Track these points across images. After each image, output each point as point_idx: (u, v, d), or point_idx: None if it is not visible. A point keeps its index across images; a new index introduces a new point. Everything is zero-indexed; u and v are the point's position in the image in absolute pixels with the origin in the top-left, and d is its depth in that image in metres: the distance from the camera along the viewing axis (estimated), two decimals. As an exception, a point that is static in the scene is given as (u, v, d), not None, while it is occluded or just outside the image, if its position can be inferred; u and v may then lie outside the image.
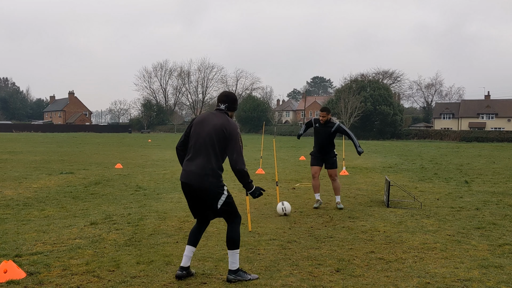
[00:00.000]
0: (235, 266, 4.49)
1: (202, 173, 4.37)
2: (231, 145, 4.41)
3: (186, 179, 4.46)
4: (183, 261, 4.58)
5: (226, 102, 4.62)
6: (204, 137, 4.45)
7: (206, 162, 4.40)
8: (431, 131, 68.90)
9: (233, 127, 4.48)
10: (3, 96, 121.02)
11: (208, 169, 4.39)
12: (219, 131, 4.42)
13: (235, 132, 4.46)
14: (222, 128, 4.43)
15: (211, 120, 4.52)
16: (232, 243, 4.52)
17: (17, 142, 38.68)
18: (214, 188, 4.39)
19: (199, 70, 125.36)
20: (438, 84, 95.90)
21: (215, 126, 4.46)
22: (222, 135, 4.41)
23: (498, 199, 9.78)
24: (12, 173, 13.75)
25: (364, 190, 11.09)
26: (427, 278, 4.63)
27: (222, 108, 4.61)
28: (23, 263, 4.93)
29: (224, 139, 4.42)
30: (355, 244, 5.96)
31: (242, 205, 8.71)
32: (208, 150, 4.42)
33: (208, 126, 4.49)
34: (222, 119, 4.51)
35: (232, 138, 4.42)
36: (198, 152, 4.45)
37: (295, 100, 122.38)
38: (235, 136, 4.44)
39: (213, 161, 4.41)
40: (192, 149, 4.52)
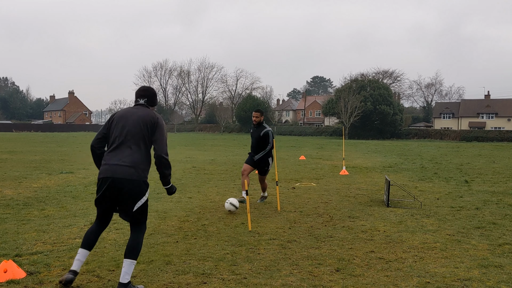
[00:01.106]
0: (127, 278, 4.10)
1: (130, 165, 4.13)
2: (158, 134, 4.25)
3: (110, 174, 4.13)
4: (74, 265, 4.25)
5: (145, 96, 4.47)
6: (130, 129, 4.23)
7: (134, 154, 4.18)
8: (431, 131, 68.88)
9: (159, 118, 4.35)
10: (3, 96, 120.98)
11: (138, 162, 4.17)
12: (146, 121, 4.25)
13: (161, 122, 4.32)
14: (149, 118, 4.27)
15: (135, 113, 4.33)
16: (132, 252, 4.18)
17: (17, 141, 38.68)
18: (140, 184, 4.16)
19: (199, 69, 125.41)
20: (438, 83, 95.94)
21: (141, 116, 4.28)
22: (150, 124, 4.24)
23: (498, 198, 9.78)
24: (12, 173, 13.75)
25: (364, 190, 11.09)
26: (427, 278, 4.63)
27: (142, 103, 4.44)
28: (23, 263, 4.93)
29: (152, 128, 4.24)
30: (355, 244, 5.96)
31: (242, 205, 8.71)
32: (136, 142, 4.21)
33: (133, 118, 4.28)
34: (147, 111, 4.36)
35: (158, 127, 4.27)
36: (124, 144, 4.21)
37: (295, 100, 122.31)
38: (161, 126, 4.30)
39: (141, 153, 4.21)
40: (116, 142, 4.24)
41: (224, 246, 5.80)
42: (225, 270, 4.83)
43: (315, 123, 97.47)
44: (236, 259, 5.22)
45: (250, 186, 11.19)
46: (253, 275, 4.70)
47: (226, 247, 5.75)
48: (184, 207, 8.51)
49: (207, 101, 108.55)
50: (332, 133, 74.49)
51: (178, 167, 16.44)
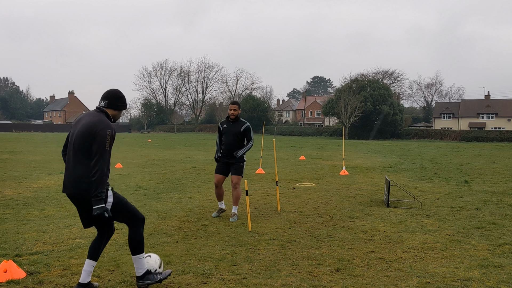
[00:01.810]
0: (142, 272, 4.19)
1: (76, 180, 3.97)
2: (95, 147, 3.90)
3: (65, 188, 4.08)
4: (82, 276, 4.13)
5: (106, 98, 4.15)
6: (75, 139, 4.03)
7: (78, 169, 3.96)
8: (431, 131, 68.90)
9: (102, 127, 3.93)
10: (3, 96, 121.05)
11: (81, 177, 3.94)
12: (85, 133, 3.95)
13: (102, 134, 3.91)
14: (90, 127, 3.95)
15: (81, 121, 4.09)
16: (133, 248, 4.20)
17: (17, 141, 38.68)
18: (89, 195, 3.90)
19: (199, 69, 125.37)
20: (438, 84, 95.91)
21: (83, 126, 4.00)
22: (88, 135, 3.93)
23: (498, 198, 9.78)
24: (12, 173, 13.75)
25: (364, 190, 11.09)
26: (427, 278, 4.63)
27: (102, 105, 4.14)
28: (23, 263, 4.93)
29: (90, 142, 3.92)
30: (355, 244, 5.96)
31: (242, 205, 8.72)
32: (78, 155, 3.98)
33: (78, 127, 4.06)
34: (94, 118, 4.02)
35: (97, 139, 3.90)
36: (70, 156, 4.06)
37: (295, 100, 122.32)
38: (102, 138, 3.90)
39: (84, 167, 3.93)
40: (68, 152, 4.13)
41: (224, 246, 5.80)
42: (225, 270, 4.83)
43: (315, 123, 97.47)
44: (236, 259, 5.22)
45: (250, 186, 11.18)
46: (253, 275, 4.70)
47: (226, 247, 5.75)
48: (184, 207, 8.51)
49: (207, 101, 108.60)
50: (332, 133, 74.50)
51: (178, 167, 16.45)
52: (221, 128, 7.64)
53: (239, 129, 7.47)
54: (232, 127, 7.52)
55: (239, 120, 7.57)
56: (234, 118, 7.54)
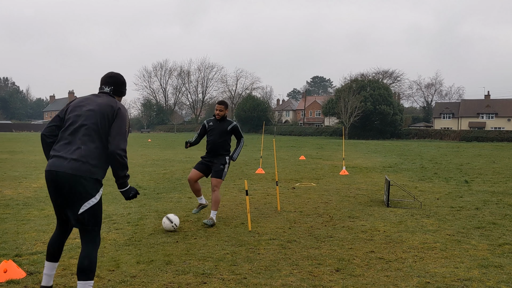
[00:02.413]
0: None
1: (78, 159, 3.54)
2: (116, 126, 3.63)
3: (55, 167, 3.55)
4: (43, 280, 3.80)
5: (111, 84, 3.89)
6: (85, 119, 3.64)
7: (85, 148, 3.58)
8: (431, 131, 68.92)
9: (121, 107, 3.75)
10: (3, 96, 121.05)
11: (88, 156, 3.56)
12: (104, 111, 3.66)
13: (123, 112, 3.71)
14: (108, 107, 3.68)
15: (94, 101, 3.75)
16: (84, 271, 3.55)
17: (17, 141, 38.69)
18: (86, 182, 3.53)
19: (199, 69, 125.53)
20: (438, 83, 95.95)
21: (100, 105, 3.69)
22: (109, 114, 3.66)
23: (498, 198, 9.78)
24: (12, 173, 13.75)
25: (364, 190, 11.09)
26: (427, 278, 4.63)
27: (106, 91, 3.88)
28: (23, 263, 4.93)
29: (110, 119, 3.65)
30: (355, 244, 5.96)
31: (242, 205, 8.72)
32: (90, 134, 3.61)
33: (90, 106, 3.70)
34: (108, 99, 3.78)
35: (118, 118, 3.66)
36: (76, 135, 3.62)
37: (295, 100, 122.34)
38: (123, 116, 3.69)
39: (95, 147, 3.61)
40: (67, 132, 3.66)
41: (224, 246, 5.80)
42: (225, 270, 4.82)
43: (315, 123, 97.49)
44: (236, 259, 5.22)
45: (250, 186, 11.19)
46: (253, 275, 4.70)
47: (226, 247, 5.75)
48: (184, 207, 8.51)
49: (207, 101, 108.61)
50: (332, 133, 74.51)
51: (178, 167, 16.45)
52: (207, 125, 7.42)
53: (225, 128, 7.30)
54: (218, 125, 7.34)
55: (226, 120, 7.40)
56: (220, 118, 7.37)
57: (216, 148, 7.26)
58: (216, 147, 7.26)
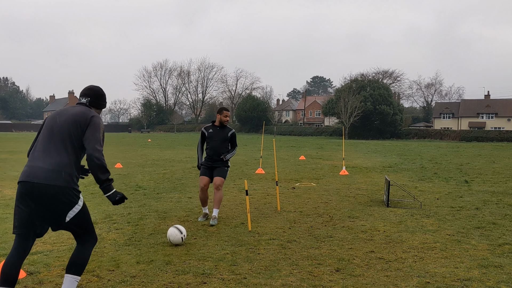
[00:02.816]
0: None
1: (55, 169, 3.50)
2: (90, 132, 3.62)
3: (31, 177, 3.49)
4: None
5: (89, 96, 3.90)
6: (58, 129, 3.65)
7: (60, 157, 3.55)
8: (431, 131, 68.91)
9: (95, 116, 3.73)
10: (3, 96, 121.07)
11: (63, 165, 3.53)
12: (76, 120, 3.66)
13: (96, 120, 3.70)
14: (81, 115, 3.69)
15: (67, 112, 3.77)
16: (75, 266, 3.65)
17: (17, 141, 38.68)
18: (65, 191, 3.51)
19: (199, 69, 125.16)
20: (438, 83, 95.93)
21: (72, 115, 3.70)
22: (82, 122, 3.65)
23: (498, 198, 9.78)
24: (11, 173, 13.75)
25: (364, 190, 11.09)
26: (427, 278, 4.63)
27: (83, 101, 3.89)
28: (23, 263, 4.92)
29: (83, 126, 3.64)
30: (355, 244, 5.96)
31: (242, 204, 8.72)
32: (64, 143, 3.60)
33: (63, 117, 3.72)
34: (83, 108, 3.78)
35: (92, 124, 3.66)
36: (50, 145, 3.61)
37: (295, 100, 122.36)
38: (96, 124, 3.67)
39: (70, 156, 3.58)
40: (41, 143, 3.65)
41: (224, 246, 5.80)
42: (225, 270, 4.83)
43: (315, 123, 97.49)
44: (236, 259, 5.22)
45: (250, 186, 11.18)
46: (253, 275, 4.70)
47: (226, 247, 5.75)
48: (184, 207, 8.51)
49: (207, 101, 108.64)
50: (332, 133, 74.50)
51: (178, 167, 16.45)
52: (206, 133, 7.56)
53: (226, 135, 7.49)
54: (219, 132, 7.51)
55: (226, 127, 7.59)
56: (221, 125, 7.54)
57: (217, 154, 7.43)
58: (217, 153, 7.43)
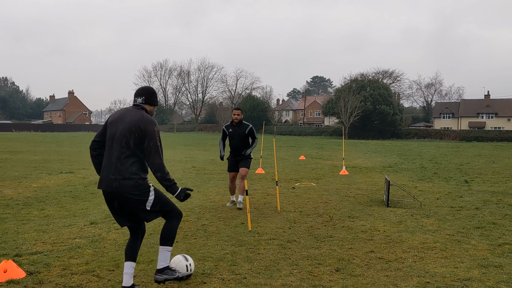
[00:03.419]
0: (163, 264, 4.25)
1: (120, 177, 4.00)
2: (147, 144, 4.01)
3: (105, 187, 4.07)
4: (124, 280, 4.18)
5: (142, 95, 4.28)
6: (118, 137, 4.07)
7: (122, 166, 4.02)
8: (431, 131, 68.88)
9: (149, 124, 4.07)
10: (3, 96, 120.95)
11: (125, 173, 4.01)
12: (132, 130, 4.03)
13: (150, 129, 4.05)
14: (136, 125, 4.04)
15: (125, 118, 4.13)
16: (165, 239, 4.24)
17: (17, 141, 38.67)
18: (136, 193, 4.02)
19: (199, 69, 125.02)
20: (438, 83, 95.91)
21: (129, 123, 4.07)
22: (137, 133, 4.02)
23: (498, 198, 9.78)
24: (12, 173, 13.74)
25: (364, 190, 11.09)
26: (427, 278, 4.63)
27: (139, 102, 4.26)
28: (23, 263, 4.93)
29: (139, 138, 4.02)
30: (355, 244, 5.96)
31: (244, 208, 8.71)
32: (123, 151, 4.04)
33: (121, 124, 4.11)
34: (137, 115, 4.11)
35: (147, 136, 4.02)
36: (113, 154, 4.07)
37: (295, 100, 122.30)
38: (151, 134, 4.03)
39: (130, 163, 4.03)
40: (107, 152, 4.15)
41: (224, 246, 5.80)
42: (225, 270, 4.83)
43: (315, 123, 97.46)
44: (236, 259, 5.22)
45: (250, 186, 11.18)
46: (253, 275, 4.70)
47: (226, 247, 5.75)
48: (184, 207, 8.51)
49: (207, 101, 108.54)
50: (332, 133, 74.48)
51: (178, 167, 16.45)
52: (227, 131, 8.41)
53: (244, 132, 8.30)
54: (237, 131, 8.31)
55: (242, 123, 8.36)
56: (238, 122, 8.31)
57: (239, 151, 8.35)
58: (239, 150, 8.35)
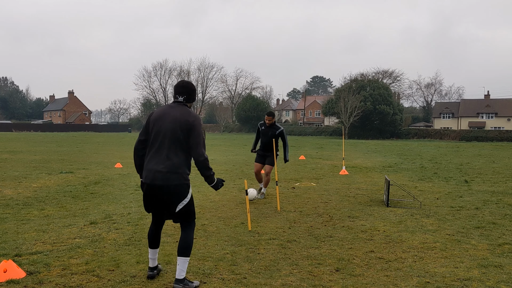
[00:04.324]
0: (182, 275, 4.27)
1: (168, 171, 4.15)
2: (193, 137, 4.17)
3: (149, 180, 4.21)
4: (150, 262, 4.55)
5: (184, 93, 4.35)
6: (165, 132, 4.20)
7: (171, 159, 4.17)
8: (431, 131, 68.89)
9: (195, 119, 4.24)
10: (3, 96, 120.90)
11: (174, 167, 4.17)
12: (181, 124, 4.18)
13: (197, 123, 4.22)
14: (184, 120, 4.19)
15: (170, 114, 4.26)
16: (185, 250, 4.30)
17: (17, 141, 38.67)
18: (179, 188, 4.20)
19: (198, 69, 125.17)
20: (437, 83, 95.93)
21: (176, 119, 4.20)
22: (185, 127, 4.17)
23: (498, 198, 9.78)
24: (12, 173, 13.74)
25: (364, 190, 11.09)
26: (427, 278, 4.63)
27: (180, 100, 4.35)
28: (22, 263, 4.93)
29: (187, 131, 4.17)
30: (355, 244, 5.96)
31: (242, 204, 8.72)
32: (172, 146, 4.18)
33: (168, 120, 4.23)
34: (182, 110, 4.26)
35: (194, 129, 4.18)
36: (161, 148, 4.21)
37: (295, 100, 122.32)
38: (198, 127, 4.20)
39: (179, 157, 4.19)
40: (154, 146, 4.26)
41: (224, 246, 5.80)
42: (225, 270, 4.83)
43: (315, 123, 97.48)
44: (236, 259, 5.22)
45: (249, 186, 11.18)
46: (253, 275, 4.70)
47: (226, 247, 5.75)
48: (184, 207, 8.51)
49: (207, 101, 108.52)
50: (332, 133, 74.49)
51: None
52: (260, 129, 9.66)
53: (274, 132, 9.42)
54: (268, 130, 9.49)
55: (274, 125, 9.50)
56: (270, 125, 9.45)
57: (268, 147, 9.46)
58: (268, 147, 9.46)
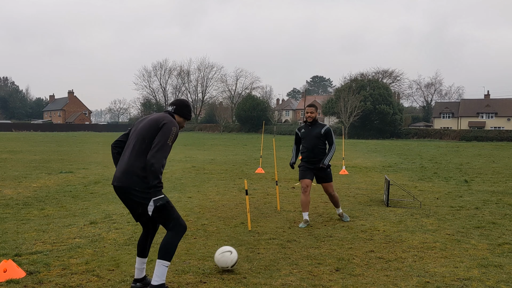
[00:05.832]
0: (158, 281, 3.94)
1: (129, 171, 3.91)
2: (158, 137, 3.90)
3: (115, 181, 4.01)
4: (136, 273, 4.26)
5: (175, 104, 4.30)
6: (137, 133, 4.07)
7: (135, 160, 3.93)
8: (431, 130, 68.87)
9: (170, 122, 4.01)
10: (3, 96, 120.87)
11: (136, 168, 3.91)
12: (152, 125, 4.01)
13: (167, 127, 3.96)
14: (156, 121, 4.03)
15: (150, 117, 4.17)
16: (163, 252, 3.97)
17: (17, 141, 38.65)
18: (142, 190, 3.90)
19: (198, 69, 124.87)
20: (437, 83, 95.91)
21: (150, 120, 4.09)
22: (154, 127, 3.98)
23: (498, 198, 9.78)
24: (11, 173, 13.74)
25: (364, 190, 11.09)
26: (427, 277, 4.63)
27: (169, 109, 4.29)
28: (22, 263, 4.93)
29: (156, 131, 3.96)
30: (355, 243, 5.96)
31: (242, 204, 8.72)
32: (139, 146, 3.97)
33: (144, 122, 4.15)
34: (163, 115, 4.12)
35: (162, 130, 3.93)
36: (129, 149, 4.04)
37: (295, 100, 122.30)
38: (167, 130, 3.93)
39: (141, 159, 3.93)
40: (125, 149, 4.14)
41: (224, 245, 5.79)
42: (224, 270, 4.82)
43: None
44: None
45: (249, 186, 11.18)
46: (252, 274, 4.70)
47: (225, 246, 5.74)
48: (184, 206, 8.51)
49: (207, 100, 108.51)
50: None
51: (178, 167, 16.45)
52: (299, 133, 7.33)
53: (319, 131, 7.11)
54: (311, 130, 7.16)
55: (317, 123, 7.22)
56: (312, 121, 7.19)
57: (314, 153, 7.11)
58: (313, 154, 7.11)
